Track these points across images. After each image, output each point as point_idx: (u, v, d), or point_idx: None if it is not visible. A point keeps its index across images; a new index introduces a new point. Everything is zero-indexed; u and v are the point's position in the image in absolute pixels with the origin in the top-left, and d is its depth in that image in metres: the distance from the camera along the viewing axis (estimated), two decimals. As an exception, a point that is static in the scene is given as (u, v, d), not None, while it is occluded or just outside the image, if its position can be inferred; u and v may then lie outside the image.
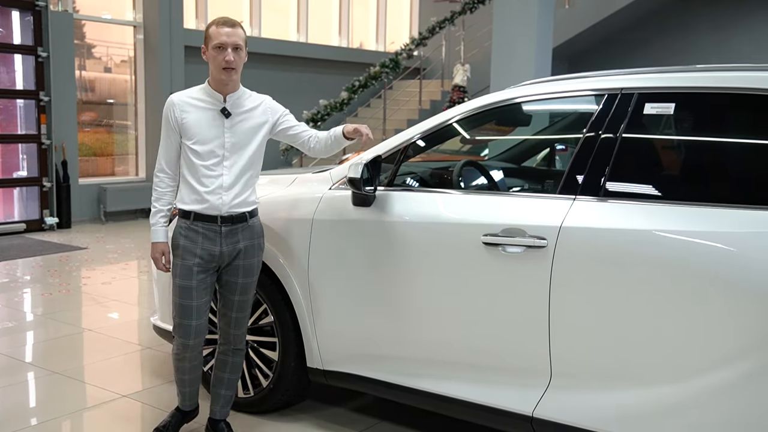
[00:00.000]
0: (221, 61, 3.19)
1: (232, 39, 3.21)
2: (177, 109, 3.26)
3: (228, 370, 3.50)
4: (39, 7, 9.57)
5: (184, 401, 3.56)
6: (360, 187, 3.26)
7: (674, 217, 2.67)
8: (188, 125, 3.24)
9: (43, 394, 4.27)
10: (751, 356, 2.50)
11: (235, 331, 3.45)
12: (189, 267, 3.26)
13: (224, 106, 3.26)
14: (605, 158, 2.89)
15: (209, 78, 3.31)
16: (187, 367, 3.43)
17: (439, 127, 3.44)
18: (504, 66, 8.79)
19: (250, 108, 3.34)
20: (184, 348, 3.36)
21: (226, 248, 3.27)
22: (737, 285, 2.51)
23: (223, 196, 3.23)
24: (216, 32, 3.21)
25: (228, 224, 3.26)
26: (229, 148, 3.24)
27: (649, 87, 2.94)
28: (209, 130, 3.24)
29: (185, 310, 3.29)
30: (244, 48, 3.28)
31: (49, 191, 9.84)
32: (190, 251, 3.25)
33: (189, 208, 3.26)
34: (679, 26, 12.69)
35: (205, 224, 3.25)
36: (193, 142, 3.23)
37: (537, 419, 2.92)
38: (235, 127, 3.27)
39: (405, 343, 3.30)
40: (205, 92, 3.29)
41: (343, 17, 14.85)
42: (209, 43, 3.23)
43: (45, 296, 6.41)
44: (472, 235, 3.03)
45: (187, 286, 3.27)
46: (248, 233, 3.33)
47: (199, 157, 3.23)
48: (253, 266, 3.38)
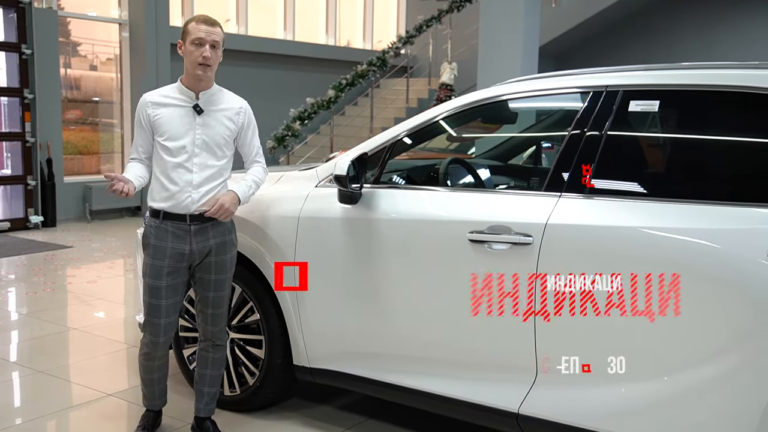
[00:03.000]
0: (198, 57, 3.20)
1: (210, 36, 3.22)
2: (149, 108, 3.28)
3: (210, 366, 3.49)
4: (23, 4, 9.49)
5: (154, 401, 3.57)
6: (346, 185, 3.25)
7: (659, 214, 2.68)
8: (160, 122, 3.26)
9: (28, 393, 4.25)
10: (736, 352, 2.52)
11: (213, 328, 3.45)
12: (159, 267, 3.27)
13: (197, 103, 3.27)
14: (590, 155, 2.90)
15: (182, 76, 3.32)
16: (156, 365, 3.46)
17: (426, 124, 3.44)
18: (491, 64, 8.79)
19: (223, 107, 3.34)
20: (153, 346, 3.37)
21: (196, 246, 3.28)
22: (722, 281, 2.53)
23: (192, 193, 3.24)
24: (195, 28, 3.22)
25: (197, 223, 3.27)
26: (199, 144, 3.25)
27: (633, 84, 2.95)
28: (181, 127, 3.25)
29: (154, 309, 3.31)
30: (221, 47, 3.28)
31: (33, 189, 9.77)
32: (160, 250, 3.26)
33: (158, 206, 3.27)
34: (665, 24, 12.75)
35: (175, 223, 3.26)
36: (164, 139, 3.25)
37: (523, 416, 2.93)
38: (206, 125, 3.27)
39: (391, 341, 3.30)
40: (178, 90, 3.31)
41: (330, 15, 14.83)
42: (187, 38, 3.25)
43: (30, 295, 6.37)
44: (458, 232, 3.03)
45: (157, 286, 3.28)
46: (219, 230, 3.34)
47: (170, 153, 3.24)
48: (225, 262, 3.38)
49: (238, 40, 12.38)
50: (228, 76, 3.10)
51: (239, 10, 13.03)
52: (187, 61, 3.25)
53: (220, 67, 3.33)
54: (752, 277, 2.48)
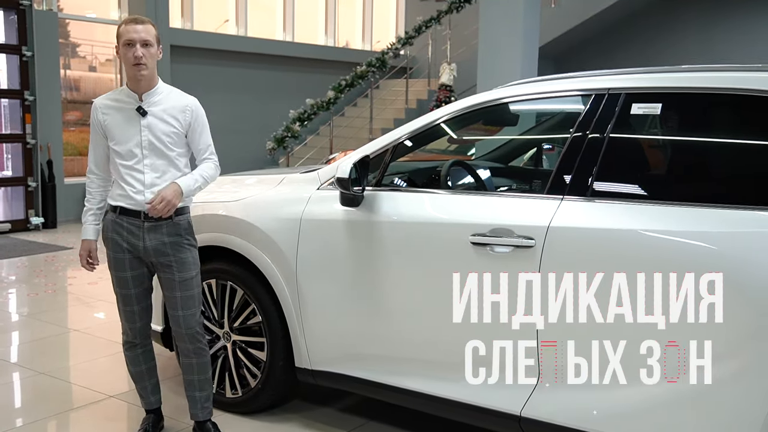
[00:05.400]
0: (131, 57, 3.25)
1: (140, 35, 3.26)
2: (99, 112, 3.35)
3: (195, 372, 3.47)
4: (23, 6, 9.49)
5: (149, 398, 3.59)
6: (348, 187, 3.26)
7: (662, 217, 2.68)
8: (109, 126, 3.32)
9: (29, 394, 4.25)
10: (739, 355, 2.52)
11: (187, 330, 3.40)
12: (121, 259, 3.36)
13: (140, 105, 3.31)
14: (593, 158, 2.90)
15: (126, 79, 3.38)
16: (140, 355, 3.53)
17: (428, 126, 3.44)
18: (490, 65, 8.80)
19: (168, 106, 3.35)
20: (133, 333, 3.47)
21: (149, 243, 3.32)
22: (724, 285, 2.52)
23: (145, 193, 3.28)
24: (125, 29, 3.28)
25: (151, 221, 3.31)
26: (147, 146, 3.29)
27: (636, 87, 2.95)
28: (126, 130, 3.30)
29: (126, 298, 3.42)
30: (156, 45, 3.32)
31: (34, 191, 9.78)
32: (118, 244, 3.35)
33: (115, 203, 3.35)
34: (664, 25, 12.75)
35: (129, 218, 3.32)
36: (114, 143, 3.31)
37: (525, 419, 2.93)
38: (152, 126, 3.30)
39: (393, 343, 3.30)
40: (124, 93, 3.36)
41: (329, 16, 14.83)
42: (120, 40, 3.30)
43: (31, 296, 6.38)
44: (460, 235, 3.03)
45: (123, 276, 3.39)
46: (173, 230, 3.35)
47: (121, 157, 3.31)
48: (187, 261, 3.38)
49: (238, 42, 12.39)
50: (227, 77, 3.11)
51: (238, 11, 13.03)
52: (124, 63, 3.31)
53: (220, 68, 3.36)
54: (755, 281, 2.48)
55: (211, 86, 10.91)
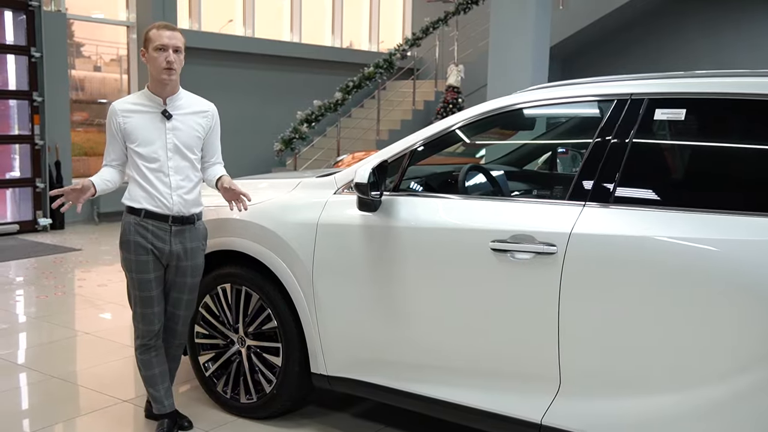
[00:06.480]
0: (162, 62, 3.31)
1: (173, 41, 3.35)
2: (119, 116, 3.38)
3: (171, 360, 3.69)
4: (32, 7, 9.49)
5: (163, 402, 3.61)
6: (366, 192, 3.23)
7: (685, 224, 2.65)
8: (130, 129, 3.36)
9: (40, 398, 4.22)
10: (759, 365, 2.48)
11: (182, 328, 3.64)
12: (145, 262, 3.41)
13: (165, 108, 3.38)
14: (615, 164, 2.87)
15: (148, 83, 3.43)
16: (154, 358, 3.56)
17: (446, 131, 3.41)
18: (501, 67, 8.78)
19: (192, 111, 3.47)
20: (149, 335, 3.50)
21: (175, 247, 3.42)
22: (747, 293, 2.49)
23: (173, 196, 3.37)
24: (157, 34, 3.35)
25: (178, 224, 3.42)
26: (171, 148, 3.38)
27: (659, 93, 2.92)
28: (151, 133, 3.37)
29: (147, 300, 3.45)
30: (183, 51, 3.40)
31: (42, 192, 9.77)
32: (142, 246, 3.39)
33: (139, 206, 3.38)
34: (672, 27, 12.73)
35: (156, 222, 3.38)
36: (136, 145, 3.36)
37: (546, 427, 2.90)
38: (177, 129, 3.40)
39: (411, 349, 3.28)
40: (146, 96, 3.42)
41: (336, 17, 14.82)
42: (150, 45, 3.36)
43: (40, 298, 6.36)
44: (480, 241, 3.00)
45: (147, 279, 3.43)
46: (194, 235, 3.50)
47: (144, 160, 3.36)
48: (199, 266, 3.57)
49: (245, 43, 12.38)
50: (235, 78, 3.11)
51: (246, 12, 13.03)
52: (152, 67, 3.36)
53: (227, 69, 3.39)
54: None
55: (219, 87, 10.87)
